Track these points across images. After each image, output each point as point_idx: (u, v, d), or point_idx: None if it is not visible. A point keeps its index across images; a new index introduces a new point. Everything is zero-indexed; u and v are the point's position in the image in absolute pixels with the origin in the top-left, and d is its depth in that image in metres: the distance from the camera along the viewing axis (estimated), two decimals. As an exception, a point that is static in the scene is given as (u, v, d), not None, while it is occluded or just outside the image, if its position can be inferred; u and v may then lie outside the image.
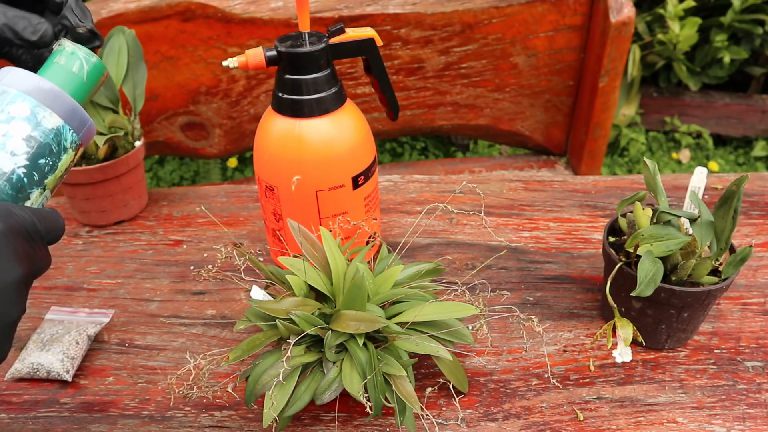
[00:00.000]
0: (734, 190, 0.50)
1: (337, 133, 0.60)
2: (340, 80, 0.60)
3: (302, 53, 0.56)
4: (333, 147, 0.59)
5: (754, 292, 0.65)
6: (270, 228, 0.67)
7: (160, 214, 0.81)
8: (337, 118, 0.60)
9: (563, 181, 0.85)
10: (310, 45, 0.57)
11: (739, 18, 1.71)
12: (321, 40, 0.57)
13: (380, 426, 0.52)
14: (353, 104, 0.63)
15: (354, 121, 0.61)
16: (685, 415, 0.52)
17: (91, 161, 0.75)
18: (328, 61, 0.58)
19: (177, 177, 1.90)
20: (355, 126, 0.61)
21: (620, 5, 1.03)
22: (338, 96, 0.59)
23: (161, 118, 1.17)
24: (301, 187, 0.60)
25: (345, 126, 0.60)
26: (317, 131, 0.59)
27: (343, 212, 0.62)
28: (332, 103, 0.59)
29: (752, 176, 0.84)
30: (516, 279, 0.67)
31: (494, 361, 0.58)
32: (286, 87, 0.58)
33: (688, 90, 1.97)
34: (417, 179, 0.87)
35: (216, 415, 0.53)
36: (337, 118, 0.60)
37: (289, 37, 0.58)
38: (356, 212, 0.64)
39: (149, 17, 1.04)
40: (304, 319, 0.48)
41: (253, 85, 1.14)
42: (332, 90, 0.59)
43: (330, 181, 0.60)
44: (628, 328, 0.49)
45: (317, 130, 0.59)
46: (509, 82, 1.18)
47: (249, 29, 1.07)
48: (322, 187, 0.60)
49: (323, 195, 0.60)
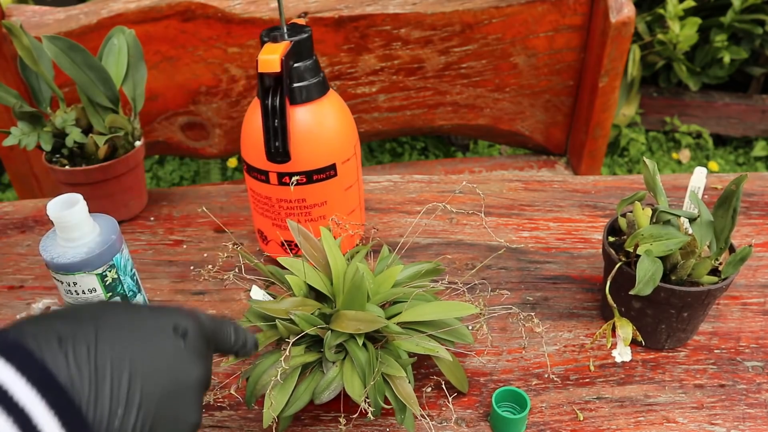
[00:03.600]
0: (733, 189, 0.50)
1: (319, 120, 0.62)
2: (323, 73, 0.63)
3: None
4: (314, 132, 0.62)
5: (754, 292, 0.65)
6: (257, 213, 0.69)
7: (160, 214, 0.81)
8: (314, 107, 0.62)
9: (563, 181, 0.85)
10: (292, 36, 0.59)
11: (739, 18, 1.71)
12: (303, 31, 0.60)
13: (380, 426, 0.52)
14: (337, 97, 0.66)
15: (336, 111, 0.64)
16: (685, 415, 0.52)
17: (91, 161, 0.75)
18: (311, 52, 0.61)
19: (177, 177, 1.90)
20: (337, 115, 0.64)
21: (620, 5, 1.02)
22: (319, 86, 0.62)
23: (161, 118, 1.17)
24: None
25: (327, 114, 0.63)
26: (301, 117, 0.61)
27: (323, 202, 0.65)
28: (309, 93, 0.62)
29: (752, 176, 0.84)
30: (516, 279, 0.67)
31: (494, 361, 0.58)
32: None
33: (688, 90, 1.97)
34: (417, 179, 0.87)
35: (216, 416, 0.53)
36: (313, 108, 0.62)
37: (275, 29, 0.61)
38: (339, 203, 0.66)
39: (149, 17, 1.04)
40: (304, 319, 0.48)
41: (253, 85, 1.14)
42: (312, 80, 0.61)
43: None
44: (627, 328, 0.50)
45: (300, 116, 0.61)
46: (509, 82, 1.18)
47: (249, 29, 1.07)
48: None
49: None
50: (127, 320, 0.32)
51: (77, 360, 0.29)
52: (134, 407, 0.30)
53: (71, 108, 0.76)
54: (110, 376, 0.29)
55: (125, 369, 0.30)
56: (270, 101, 0.57)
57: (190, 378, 0.33)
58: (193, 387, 0.34)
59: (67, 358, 0.29)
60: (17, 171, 1.15)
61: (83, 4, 1.07)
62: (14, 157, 1.13)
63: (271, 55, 0.56)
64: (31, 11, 1.08)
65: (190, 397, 0.33)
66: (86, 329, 0.30)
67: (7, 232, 0.79)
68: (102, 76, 0.72)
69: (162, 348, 0.32)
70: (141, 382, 0.30)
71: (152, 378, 0.31)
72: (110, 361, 0.30)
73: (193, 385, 0.33)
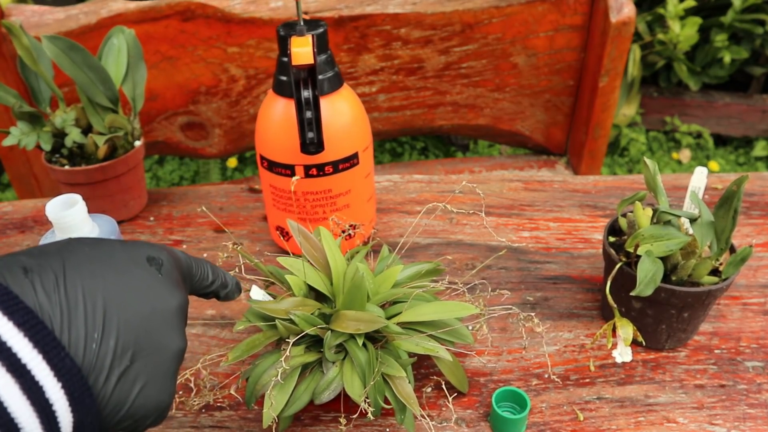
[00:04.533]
0: (734, 190, 0.50)
1: (341, 110, 0.64)
2: (337, 66, 0.64)
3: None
4: (339, 122, 0.63)
5: (754, 292, 0.65)
6: (270, 206, 0.70)
7: (160, 214, 0.81)
8: (333, 99, 0.63)
9: (563, 181, 0.85)
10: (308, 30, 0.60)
11: (739, 18, 1.71)
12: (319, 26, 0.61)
13: (380, 426, 0.52)
14: (350, 89, 0.67)
15: (353, 100, 0.66)
16: (685, 415, 0.52)
17: (90, 161, 0.75)
18: (326, 46, 0.62)
19: (177, 177, 1.90)
20: (354, 104, 0.65)
21: (620, 5, 1.02)
22: (336, 79, 0.63)
23: (161, 118, 1.17)
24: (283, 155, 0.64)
25: (347, 104, 0.64)
26: (326, 108, 0.62)
27: (348, 190, 0.66)
28: (329, 85, 0.63)
29: (752, 176, 0.84)
30: (516, 279, 0.67)
31: (494, 361, 0.58)
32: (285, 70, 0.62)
33: (688, 90, 1.97)
34: (417, 179, 0.87)
35: (216, 416, 0.53)
36: (333, 100, 0.63)
37: (290, 24, 0.62)
38: (360, 191, 0.68)
39: (149, 17, 1.04)
40: (304, 319, 0.48)
41: (252, 84, 1.14)
42: (329, 73, 0.62)
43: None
44: (628, 328, 0.49)
45: (325, 107, 0.62)
46: (509, 82, 1.18)
47: (249, 29, 1.06)
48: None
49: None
50: (97, 252, 0.31)
51: (45, 287, 0.28)
52: (113, 332, 0.29)
53: (71, 108, 0.76)
54: (83, 302, 0.28)
55: (98, 297, 0.29)
56: (303, 94, 0.58)
57: (169, 305, 0.32)
58: (173, 313, 0.32)
59: (34, 286, 0.27)
60: (17, 171, 1.15)
61: (83, 4, 1.07)
62: (14, 157, 1.13)
63: (303, 48, 0.56)
64: (31, 11, 1.08)
65: (170, 323, 0.32)
66: (53, 260, 0.29)
67: (6, 232, 0.79)
68: (102, 76, 0.72)
69: (136, 277, 0.31)
70: (117, 310, 0.29)
71: (129, 305, 0.30)
72: (81, 289, 0.29)
73: (172, 312, 0.32)
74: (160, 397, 0.32)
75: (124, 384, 0.30)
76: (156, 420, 0.32)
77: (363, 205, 0.69)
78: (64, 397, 0.27)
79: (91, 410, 0.28)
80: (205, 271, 0.40)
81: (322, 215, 0.66)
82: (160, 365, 0.31)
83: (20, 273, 0.28)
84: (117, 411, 0.30)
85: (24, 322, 0.26)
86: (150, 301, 0.31)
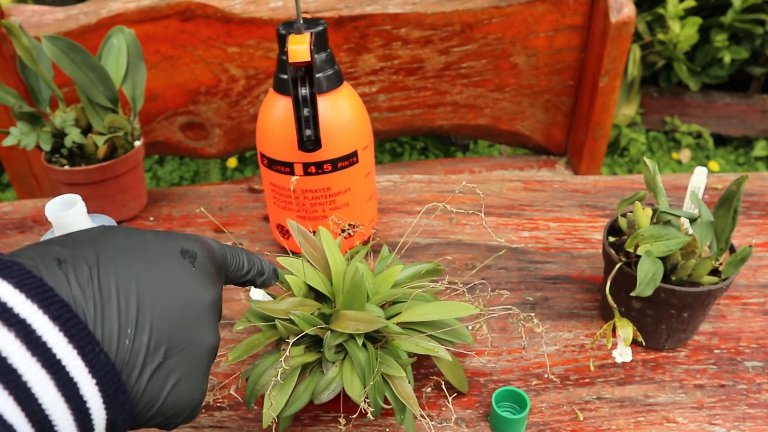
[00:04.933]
0: (734, 190, 0.50)
1: (340, 108, 0.64)
2: (337, 64, 0.64)
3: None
4: (338, 121, 0.63)
5: (754, 292, 0.65)
6: (271, 204, 0.70)
7: (160, 214, 0.81)
8: (333, 97, 0.63)
9: (563, 181, 0.85)
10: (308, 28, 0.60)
11: (739, 18, 1.71)
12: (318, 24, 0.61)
13: (380, 426, 0.52)
14: (350, 87, 0.67)
15: (353, 99, 0.66)
16: (685, 415, 0.52)
17: (90, 161, 0.75)
18: (325, 44, 0.62)
19: (177, 177, 1.90)
20: (354, 103, 0.65)
21: (620, 5, 1.02)
22: (336, 77, 0.64)
23: (161, 118, 1.17)
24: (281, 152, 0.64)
25: (347, 102, 0.65)
26: (324, 106, 0.62)
27: (347, 189, 0.66)
28: (329, 83, 0.63)
29: (752, 176, 0.84)
30: (516, 279, 0.67)
31: (494, 361, 0.58)
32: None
33: (688, 90, 1.97)
34: (417, 179, 0.87)
35: (216, 416, 0.53)
36: (333, 98, 0.63)
37: (290, 22, 0.62)
38: (360, 189, 0.68)
39: (149, 17, 1.04)
40: (304, 319, 0.48)
41: (252, 84, 1.14)
42: (328, 71, 0.62)
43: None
44: (628, 328, 0.49)
45: (324, 105, 0.63)
46: (509, 82, 1.18)
47: (249, 29, 1.06)
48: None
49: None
50: (130, 244, 0.30)
51: (79, 280, 0.27)
52: (146, 327, 0.28)
53: (70, 108, 0.76)
54: (116, 296, 0.28)
55: (132, 290, 0.28)
56: (300, 91, 0.58)
57: (203, 300, 0.31)
58: (207, 308, 0.32)
59: (68, 278, 0.27)
60: (17, 171, 1.15)
61: (83, 4, 1.07)
62: (14, 157, 1.13)
63: (300, 46, 0.56)
64: (31, 11, 1.08)
65: (203, 318, 0.31)
66: (87, 252, 0.28)
67: (6, 232, 0.79)
68: (101, 76, 0.72)
69: (170, 270, 0.31)
70: (150, 304, 0.29)
71: (162, 300, 0.29)
72: (115, 282, 0.28)
73: (207, 307, 0.32)
74: (193, 395, 0.31)
75: (157, 381, 0.29)
76: (188, 417, 0.32)
77: (363, 204, 0.69)
78: (98, 394, 0.26)
79: (124, 407, 0.27)
80: (240, 260, 0.39)
81: (321, 213, 0.66)
82: (193, 361, 0.31)
83: (54, 264, 0.27)
84: (149, 408, 0.29)
85: (59, 315, 0.25)
86: (183, 295, 0.30)
